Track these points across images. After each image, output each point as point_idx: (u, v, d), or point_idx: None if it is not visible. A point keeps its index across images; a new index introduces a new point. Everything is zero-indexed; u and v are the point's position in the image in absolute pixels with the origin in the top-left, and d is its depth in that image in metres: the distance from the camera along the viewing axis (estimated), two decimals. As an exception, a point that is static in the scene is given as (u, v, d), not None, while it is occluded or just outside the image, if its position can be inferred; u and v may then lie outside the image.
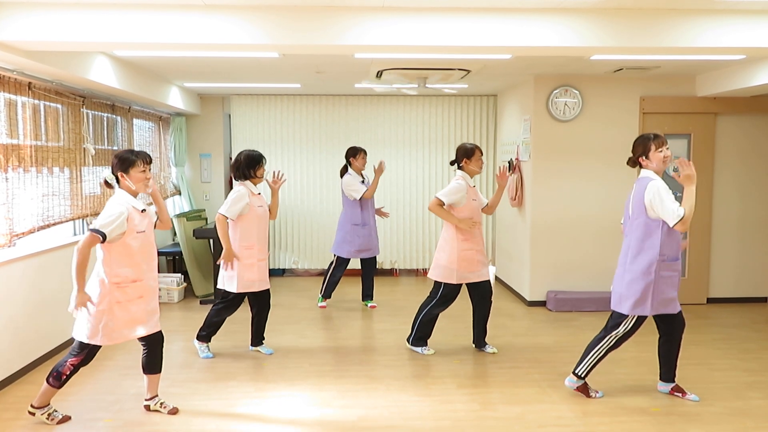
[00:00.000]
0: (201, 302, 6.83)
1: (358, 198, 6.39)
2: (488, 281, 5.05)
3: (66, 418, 3.75)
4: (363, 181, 6.50)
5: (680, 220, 3.74)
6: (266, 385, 4.41)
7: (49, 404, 3.74)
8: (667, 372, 4.19)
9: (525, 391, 4.27)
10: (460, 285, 4.94)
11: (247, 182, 4.84)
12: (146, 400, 3.94)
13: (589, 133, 6.58)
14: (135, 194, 3.68)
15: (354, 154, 6.49)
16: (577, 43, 4.05)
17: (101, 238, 3.51)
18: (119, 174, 3.65)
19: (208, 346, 5.01)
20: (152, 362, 3.87)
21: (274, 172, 5.22)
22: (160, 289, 6.76)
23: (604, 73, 6.35)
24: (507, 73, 6.45)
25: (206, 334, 5.00)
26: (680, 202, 3.81)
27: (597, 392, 4.19)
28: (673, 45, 4.08)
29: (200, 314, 6.36)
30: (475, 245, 4.90)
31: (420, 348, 5.09)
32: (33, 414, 3.72)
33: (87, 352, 3.68)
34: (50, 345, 4.94)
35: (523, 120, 6.89)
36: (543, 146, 6.59)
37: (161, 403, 3.92)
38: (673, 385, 4.19)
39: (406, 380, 4.49)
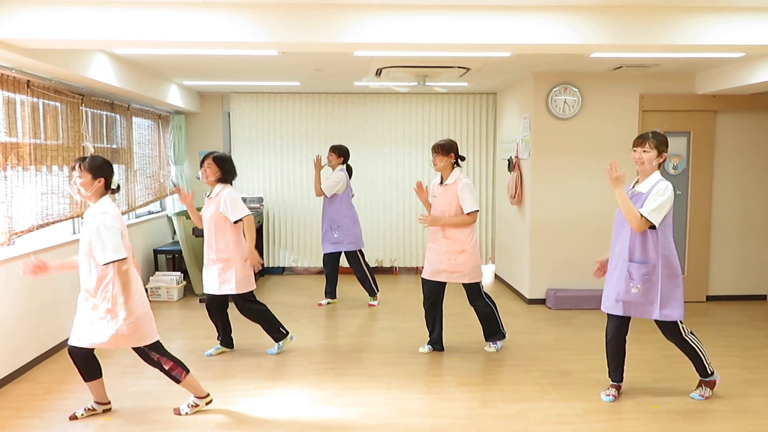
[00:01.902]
0: (200, 300, 6.82)
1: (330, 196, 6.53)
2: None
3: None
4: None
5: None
6: (266, 383, 4.41)
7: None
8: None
9: (525, 389, 4.28)
10: None
11: None
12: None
13: (588, 131, 6.58)
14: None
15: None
16: (577, 40, 4.04)
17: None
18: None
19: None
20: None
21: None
22: (159, 288, 6.84)
23: (604, 71, 6.34)
24: (507, 71, 6.45)
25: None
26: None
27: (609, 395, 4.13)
28: (673, 42, 4.08)
29: (200, 312, 6.36)
30: None
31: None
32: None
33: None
34: (50, 343, 4.94)
35: (523, 118, 6.89)
36: (543, 144, 6.58)
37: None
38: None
39: (405, 378, 4.49)
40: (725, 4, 3.99)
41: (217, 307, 4.98)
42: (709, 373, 4.09)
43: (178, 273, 7.09)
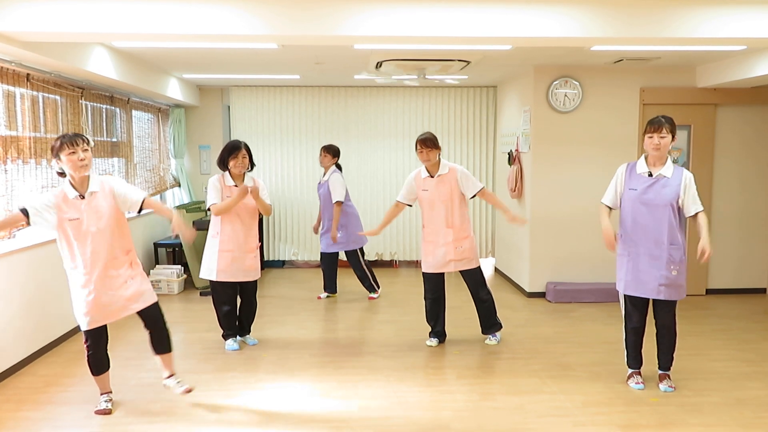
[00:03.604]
0: (201, 294, 6.83)
1: (338, 201, 6.35)
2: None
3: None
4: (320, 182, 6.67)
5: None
6: (266, 376, 4.42)
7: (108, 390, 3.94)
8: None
9: (524, 382, 4.29)
10: None
11: (226, 173, 4.86)
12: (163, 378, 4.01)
13: (588, 125, 6.57)
14: (75, 180, 3.61)
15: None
16: (578, 33, 4.03)
17: (23, 214, 3.54)
18: (56, 162, 3.62)
19: (233, 340, 5.01)
20: (153, 341, 3.92)
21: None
22: (159, 281, 6.84)
23: (604, 64, 6.33)
24: (507, 64, 6.43)
25: (223, 333, 5.03)
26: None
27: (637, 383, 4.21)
28: (674, 35, 4.07)
29: (200, 305, 6.38)
30: None
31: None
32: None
33: (86, 338, 3.75)
34: (50, 336, 4.95)
35: (523, 111, 6.88)
36: (543, 137, 6.58)
37: (178, 382, 3.95)
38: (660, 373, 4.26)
39: (405, 371, 4.50)
40: (726, -3, 3.98)
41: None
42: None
43: (179, 266, 7.10)
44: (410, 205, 5.22)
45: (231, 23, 3.87)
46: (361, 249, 6.63)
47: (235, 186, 4.79)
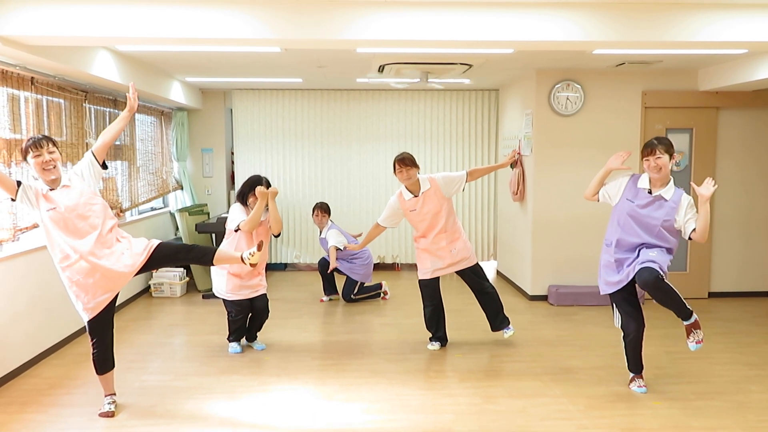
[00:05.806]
0: (203, 296, 6.84)
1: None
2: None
3: None
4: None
5: None
6: (269, 378, 4.43)
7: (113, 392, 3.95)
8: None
9: (527, 385, 4.29)
10: None
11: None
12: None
13: (590, 128, 6.58)
14: (46, 182, 3.59)
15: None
16: (580, 37, 4.04)
17: (15, 182, 3.57)
18: (27, 165, 3.63)
19: (237, 343, 5.02)
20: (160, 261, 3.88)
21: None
22: (162, 284, 6.85)
23: (606, 68, 6.34)
24: (509, 68, 6.45)
25: (229, 336, 5.04)
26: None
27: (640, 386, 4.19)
28: (676, 39, 4.08)
29: (202, 308, 6.39)
30: None
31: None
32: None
33: (92, 335, 3.76)
34: (54, 339, 4.97)
35: (525, 114, 6.89)
36: (545, 140, 6.59)
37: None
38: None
39: (408, 374, 4.50)
40: (728, 1, 3.99)
41: None
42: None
43: (181, 269, 7.10)
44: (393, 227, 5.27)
45: (235, 27, 3.88)
46: (361, 284, 6.69)
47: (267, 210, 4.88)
